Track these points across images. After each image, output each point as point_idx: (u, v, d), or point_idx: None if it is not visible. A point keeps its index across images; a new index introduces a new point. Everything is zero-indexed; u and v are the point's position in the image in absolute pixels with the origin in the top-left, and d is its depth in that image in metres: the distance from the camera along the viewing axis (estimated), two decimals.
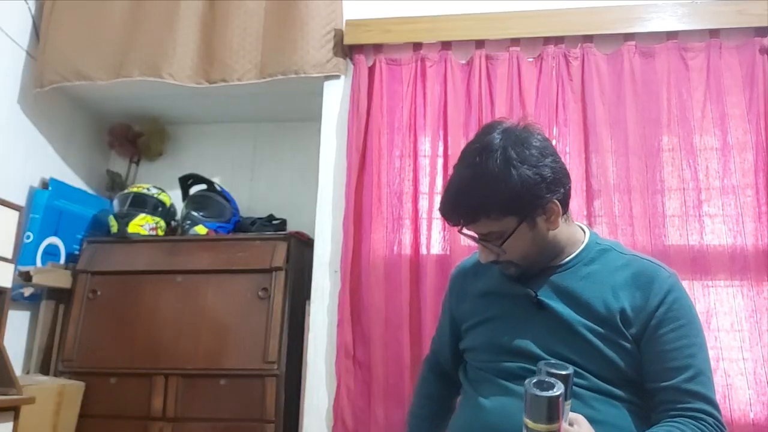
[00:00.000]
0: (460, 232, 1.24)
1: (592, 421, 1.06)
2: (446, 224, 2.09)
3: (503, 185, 1.14)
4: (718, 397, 1.18)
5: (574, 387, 1.12)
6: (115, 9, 2.42)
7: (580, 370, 1.14)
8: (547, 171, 1.16)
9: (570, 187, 1.23)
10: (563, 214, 1.22)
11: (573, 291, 1.20)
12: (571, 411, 1.08)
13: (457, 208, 1.20)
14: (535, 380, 0.94)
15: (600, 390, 1.14)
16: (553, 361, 1.05)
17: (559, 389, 0.92)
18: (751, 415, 1.83)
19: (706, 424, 1.10)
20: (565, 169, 1.22)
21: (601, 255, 1.25)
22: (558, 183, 1.18)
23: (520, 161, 1.15)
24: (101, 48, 2.38)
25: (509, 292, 1.25)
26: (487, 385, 1.21)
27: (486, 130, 1.22)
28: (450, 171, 2.08)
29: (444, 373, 1.45)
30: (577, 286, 1.21)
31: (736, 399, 1.84)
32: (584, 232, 1.30)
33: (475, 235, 1.22)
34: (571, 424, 1.00)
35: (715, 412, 1.12)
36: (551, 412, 0.92)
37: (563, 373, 0.98)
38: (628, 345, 1.16)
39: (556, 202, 1.18)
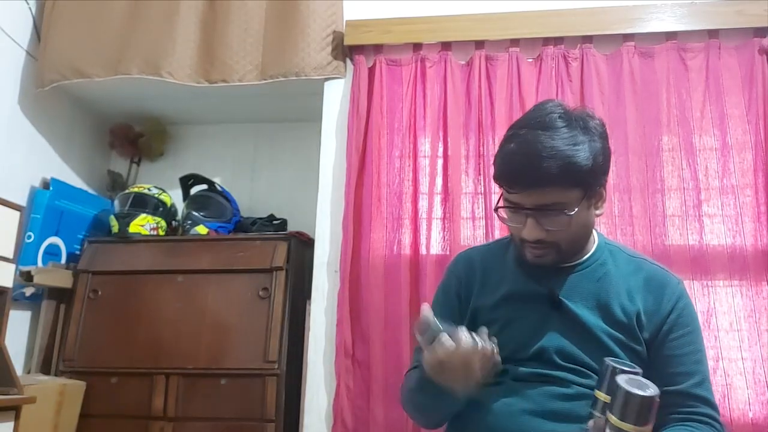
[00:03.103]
0: (496, 210, 1.20)
1: None
2: (446, 224, 2.11)
3: (587, 153, 1.11)
4: (718, 397, 1.21)
5: (582, 387, 1.13)
6: (115, 7, 2.42)
7: (589, 371, 1.14)
8: (609, 152, 1.18)
9: None
10: None
11: (592, 292, 1.20)
12: (579, 409, 1.09)
13: (533, 170, 1.10)
14: (626, 377, 0.90)
15: None
16: (619, 359, 1.04)
17: (654, 390, 0.88)
18: (750, 415, 1.83)
19: (714, 430, 1.13)
20: None
21: (612, 256, 1.25)
22: (609, 168, 1.19)
23: (598, 135, 1.15)
24: (100, 46, 2.38)
25: (528, 291, 1.22)
26: (495, 385, 1.19)
27: (544, 105, 1.18)
28: (449, 171, 2.12)
29: None
30: (594, 288, 1.20)
31: (735, 399, 1.84)
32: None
33: (527, 207, 1.14)
34: None
35: (717, 417, 1.16)
36: (642, 413, 0.88)
37: (635, 371, 0.97)
38: (640, 348, 1.17)
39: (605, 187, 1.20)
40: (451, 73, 2.19)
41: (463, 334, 1.07)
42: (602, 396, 1.00)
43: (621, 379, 0.90)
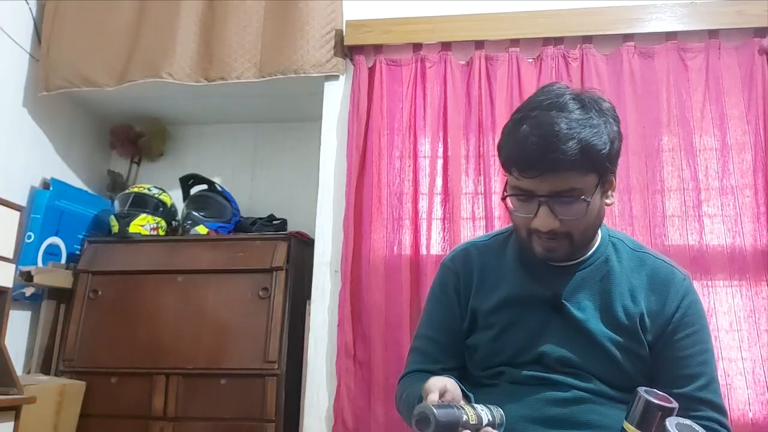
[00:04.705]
0: (504, 199, 1.12)
1: (599, 426, 1.06)
2: (446, 224, 2.11)
3: (604, 136, 1.05)
4: None
5: (580, 392, 1.11)
6: (118, 11, 2.43)
7: (588, 375, 1.12)
8: (622, 136, 1.11)
9: None
10: None
11: (595, 292, 1.15)
12: (577, 415, 1.08)
13: (551, 152, 1.02)
14: (675, 421, 0.88)
15: (608, 395, 1.12)
16: (651, 390, 0.97)
17: None
18: (750, 415, 1.84)
19: None
20: None
21: (616, 250, 1.20)
22: (620, 153, 1.13)
23: (611, 117, 1.09)
24: (106, 52, 2.39)
25: (529, 294, 1.17)
26: (493, 390, 1.16)
27: (552, 87, 1.12)
28: (449, 171, 2.12)
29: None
30: (598, 287, 1.16)
31: (734, 398, 1.85)
32: None
33: (541, 194, 1.06)
34: None
35: (724, 420, 1.12)
36: None
37: (672, 406, 0.93)
38: (643, 352, 1.13)
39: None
40: (451, 73, 2.20)
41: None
42: (632, 430, 0.95)
43: (671, 424, 0.87)
